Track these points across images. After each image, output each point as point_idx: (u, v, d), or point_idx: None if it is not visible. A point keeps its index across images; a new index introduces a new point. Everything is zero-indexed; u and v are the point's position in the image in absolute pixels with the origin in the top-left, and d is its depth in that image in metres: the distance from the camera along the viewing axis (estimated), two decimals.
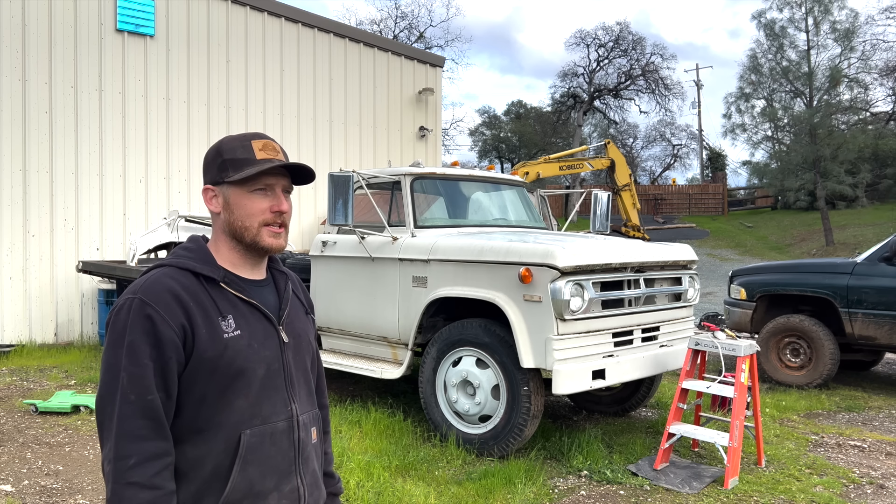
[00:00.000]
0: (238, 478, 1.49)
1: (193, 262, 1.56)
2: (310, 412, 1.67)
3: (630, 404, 6.16)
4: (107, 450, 1.41)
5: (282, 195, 1.60)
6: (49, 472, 4.72)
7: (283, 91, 11.82)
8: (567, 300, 4.59)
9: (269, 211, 1.57)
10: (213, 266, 1.57)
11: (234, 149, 1.57)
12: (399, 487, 4.30)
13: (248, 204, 1.56)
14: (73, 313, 9.83)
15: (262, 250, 1.60)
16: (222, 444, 1.49)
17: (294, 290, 1.74)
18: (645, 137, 45.79)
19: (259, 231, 1.57)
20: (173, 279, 1.51)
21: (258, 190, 1.57)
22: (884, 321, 7.05)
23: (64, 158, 9.73)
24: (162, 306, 1.46)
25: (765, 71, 25.40)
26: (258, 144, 1.58)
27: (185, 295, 1.49)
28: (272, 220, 1.58)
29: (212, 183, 1.60)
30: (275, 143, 1.61)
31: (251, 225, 1.57)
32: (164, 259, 1.61)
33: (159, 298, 1.47)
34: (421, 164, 6.40)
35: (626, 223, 14.00)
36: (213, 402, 1.49)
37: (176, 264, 1.55)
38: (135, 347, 1.43)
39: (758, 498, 4.37)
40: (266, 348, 1.57)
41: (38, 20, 9.55)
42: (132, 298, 1.47)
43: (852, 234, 23.02)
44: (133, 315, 1.45)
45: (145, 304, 1.45)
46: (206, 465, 1.48)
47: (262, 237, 1.57)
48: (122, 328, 1.45)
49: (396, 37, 35.56)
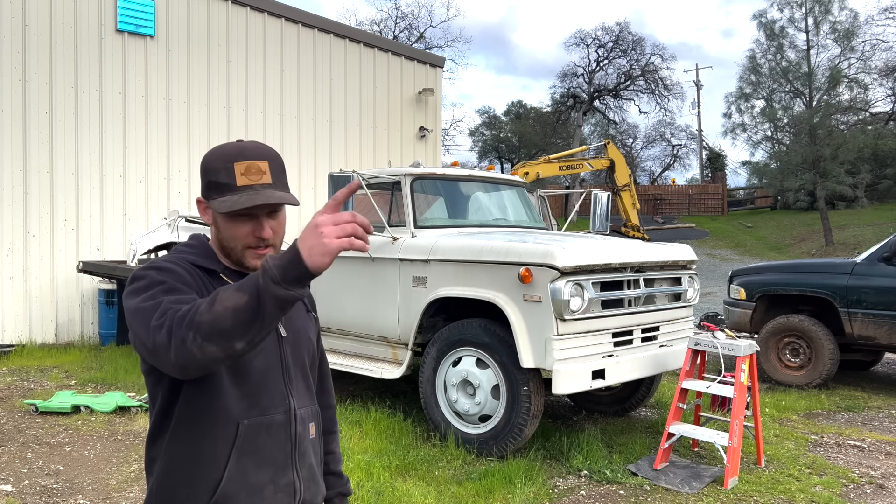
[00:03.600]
0: (234, 468, 1.50)
1: (195, 256, 1.58)
2: (308, 407, 1.67)
3: (630, 404, 6.16)
4: (145, 319, 1.35)
5: (264, 221, 1.55)
6: (49, 472, 4.73)
7: (283, 91, 11.82)
8: (567, 300, 4.60)
9: (251, 235, 1.55)
10: (213, 260, 1.59)
11: (218, 170, 1.53)
12: (399, 487, 4.31)
13: (231, 229, 1.55)
14: (73, 313, 9.84)
15: (248, 270, 1.59)
16: (219, 432, 1.50)
17: None
18: (645, 138, 45.86)
19: (243, 252, 1.57)
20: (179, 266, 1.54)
21: (240, 216, 1.53)
22: (883, 321, 7.06)
23: (64, 159, 9.74)
24: (179, 268, 1.51)
25: (765, 71, 25.40)
26: (241, 168, 1.51)
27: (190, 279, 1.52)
28: (255, 244, 1.56)
29: (203, 196, 1.59)
30: (260, 162, 1.54)
31: (235, 247, 1.56)
32: (168, 255, 1.63)
33: (174, 266, 1.51)
34: (421, 165, 6.41)
35: (626, 223, 14.01)
36: (210, 390, 1.50)
37: (179, 259, 1.57)
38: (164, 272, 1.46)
39: (757, 498, 4.38)
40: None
41: (38, 20, 9.56)
42: (151, 265, 1.50)
43: (852, 235, 23.02)
44: (153, 270, 1.47)
45: (164, 267, 1.49)
46: (203, 453, 1.50)
47: (246, 258, 1.57)
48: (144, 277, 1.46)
49: (396, 37, 35.56)
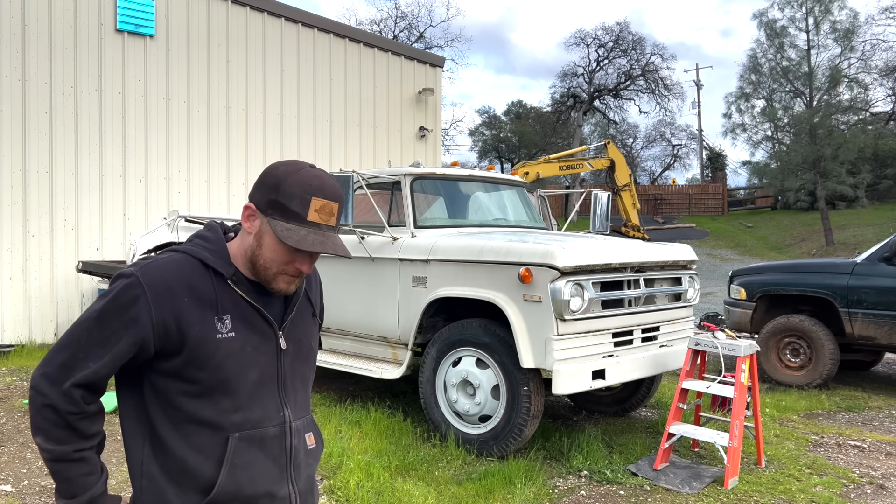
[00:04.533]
0: (226, 480, 1.48)
1: (208, 253, 1.54)
2: (304, 418, 1.65)
3: (630, 404, 6.15)
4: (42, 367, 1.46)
5: (308, 259, 1.54)
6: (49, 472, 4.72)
7: (282, 91, 11.82)
8: (567, 300, 4.59)
9: (292, 266, 1.53)
10: (225, 262, 1.55)
11: (293, 196, 1.48)
12: (399, 487, 4.30)
13: (277, 251, 1.51)
14: (73, 313, 9.82)
15: (272, 290, 1.57)
16: (207, 443, 1.48)
17: (307, 290, 1.71)
18: (645, 137, 45.89)
19: (275, 276, 1.54)
20: (179, 269, 1.50)
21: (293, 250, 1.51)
22: (884, 321, 7.05)
23: (64, 158, 9.74)
24: (153, 293, 1.45)
25: (765, 71, 25.40)
26: (317, 204, 1.49)
27: (183, 290, 1.48)
28: (291, 273, 1.54)
29: (256, 206, 1.53)
30: (335, 202, 1.52)
31: (270, 268, 1.53)
32: (182, 245, 1.59)
33: (153, 284, 1.46)
34: (421, 165, 6.40)
35: (626, 223, 14.01)
36: (198, 399, 1.48)
37: (191, 252, 1.54)
38: (107, 316, 1.45)
39: (758, 498, 4.37)
40: (261, 353, 1.55)
41: (38, 20, 9.55)
42: (133, 273, 1.47)
43: (852, 235, 23.02)
44: (122, 288, 1.46)
45: (139, 284, 1.46)
46: (189, 462, 1.48)
47: (276, 282, 1.55)
48: (108, 292, 1.48)
49: (396, 37, 35.55)
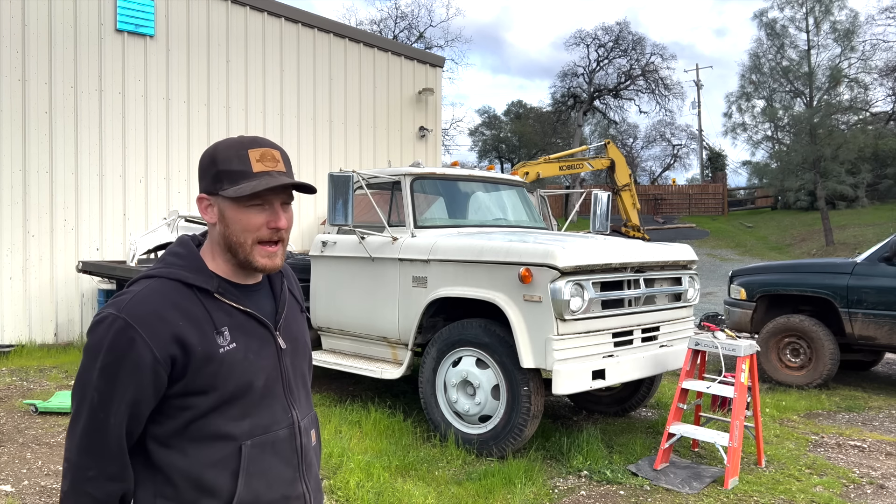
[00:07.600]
0: (243, 491, 1.45)
1: (185, 271, 1.48)
2: (308, 415, 1.64)
3: (630, 404, 6.15)
4: (71, 449, 1.42)
5: (280, 210, 1.49)
6: (49, 472, 4.72)
7: (282, 91, 11.82)
8: (567, 300, 4.59)
9: (265, 227, 1.48)
10: (205, 276, 1.49)
11: (230, 158, 1.46)
12: (399, 487, 4.30)
13: (244, 219, 1.46)
14: (72, 313, 9.83)
15: (255, 270, 1.52)
16: (220, 456, 1.45)
17: (290, 288, 1.69)
18: (645, 137, 45.84)
19: (252, 249, 1.48)
20: (163, 296, 1.43)
21: (254, 205, 1.46)
22: (884, 321, 7.05)
23: (64, 158, 9.73)
24: (147, 330, 1.38)
25: (765, 70, 25.40)
26: (255, 154, 1.46)
27: (174, 315, 1.41)
28: (268, 238, 1.49)
29: (206, 192, 1.50)
30: (274, 149, 1.50)
31: (245, 241, 1.48)
32: (154, 268, 1.50)
33: (144, 321, 1.38)
34: (421, 165, 6.41)
35: (626, 223, 14.02)
36: (209, 414, 1.45)
37: (166, 275, 1.47)
38: (110, 370, 1.37)
39: (758, 498, 4.37)
40: (263, 358, 1.52)
41: (38, 20, 9.55)
42: (116, 317, 1.38)
43: (852, 234, 23.02)
44: (114, 335, 1.37)
45: (129, 326, 1.37)
46: (204, 480, 1.44)
47: (254, 257, 1.49)
48: (100, 344, 1.38)
49: (396, 37, 35.53)
